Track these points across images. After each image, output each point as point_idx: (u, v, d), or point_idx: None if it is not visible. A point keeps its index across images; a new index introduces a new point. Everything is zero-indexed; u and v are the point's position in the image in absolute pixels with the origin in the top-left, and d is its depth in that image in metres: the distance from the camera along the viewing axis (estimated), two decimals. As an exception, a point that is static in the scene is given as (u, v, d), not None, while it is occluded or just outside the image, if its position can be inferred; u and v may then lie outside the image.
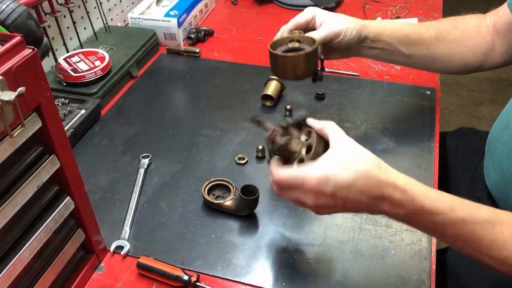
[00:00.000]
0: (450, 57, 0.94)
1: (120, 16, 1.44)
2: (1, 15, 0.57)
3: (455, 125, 2.62)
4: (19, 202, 0.58)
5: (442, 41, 0.93)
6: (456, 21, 0.96)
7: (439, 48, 0.93)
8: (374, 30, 0.90)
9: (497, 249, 0.59)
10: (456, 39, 0.93)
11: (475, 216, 0.60)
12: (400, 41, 0.91)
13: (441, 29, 0.93)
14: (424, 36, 0.92)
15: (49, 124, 0.61)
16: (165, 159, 0.97)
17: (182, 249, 0.79)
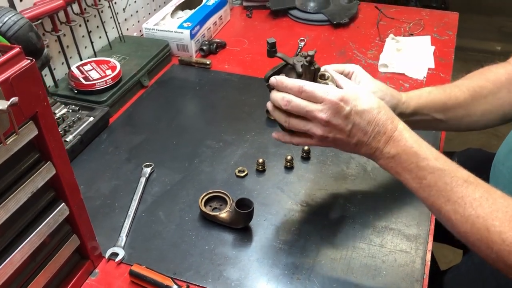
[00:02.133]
0: (488, 113, 0.90)
1: (136, 26, 1.47)
2: (2, 27, 0.59)
3: (474, 144, 2.57)
4: (12, 207, 0.60)
5: (477, 99, 0.89)
6: (485, 74, 0.92)
7: (475, 106, 0.89)
8: (412, 106, 0.83)
9: (464, 205, 0.62)
10: (491, 93, 0.89)
11: (454, 172, 0.65)
12: (437, 110, 0.86)
13: (474, 87, 0.89)
14: (460, 99, 0.88)
15: (45, 132, 0.63)
16: (167, 168, 0.99)
17: (175, 259, 0.81)
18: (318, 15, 1.52)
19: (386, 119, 0.68)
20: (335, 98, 0.67)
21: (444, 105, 0.87)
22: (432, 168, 0.65)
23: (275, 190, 0.93)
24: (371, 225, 0.85)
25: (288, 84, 0.71)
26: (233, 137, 1.06)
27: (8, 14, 0.60)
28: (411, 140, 0.68)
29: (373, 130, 0.68)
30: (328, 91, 0.68)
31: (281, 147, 1.03)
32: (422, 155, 0.66)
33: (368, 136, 0.69)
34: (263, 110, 1.12)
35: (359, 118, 0.68)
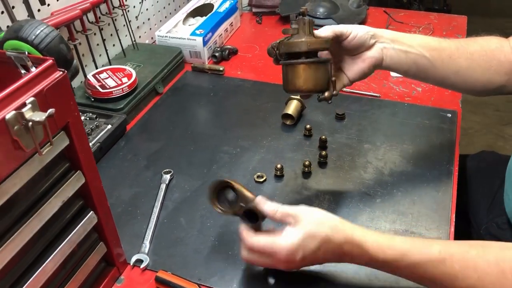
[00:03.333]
0: (472, 71, 0.90)
1: (148, 33, 1.49)
2: (35, 39, 0.60)
3: (480, 144, 2.60)
4: (45, 216, 0.61)
5: (463, 51, 0.89)
6: (475, 38, 0.93)
7: (460, 58, 0.89)
8: (389, 32, 0.88)
9: (451, 282, 0.64)
10: (477, 52, 0.90)
11: (426, 257, 0.66)
12: (421, 44, 0.87)
13: (461, 41, 0.91)
14: (444, 44, 0.89)
15: (76, 142, 0.64)
16: (186, 175, 1.00)
17: (199, 264, 0.81)
18: (328, 20, 1.53)
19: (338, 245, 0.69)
20: (283, 255, 0.69)
21: (427, 43, 0.88)
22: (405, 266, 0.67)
23: (295, 195, 0.94)
24: (392, 229, 0.86)
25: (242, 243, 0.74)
26: (249, 143, 1.07)
27: (40, 26, 0.61)
28: (372, 249, 0.68)
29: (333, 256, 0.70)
30: (275, 250, 0.69)
31: (298, 152, 1.04)
32: (388, 259, 0.67)
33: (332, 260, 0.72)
34: (278, 115, 1.13)
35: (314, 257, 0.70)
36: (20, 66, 0.61)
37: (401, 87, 1.24)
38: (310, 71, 0.78)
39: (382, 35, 0.86)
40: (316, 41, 0.78)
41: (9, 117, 0.52)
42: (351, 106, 1.16)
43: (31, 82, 0.55)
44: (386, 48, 0.86)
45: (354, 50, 0.86)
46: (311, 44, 0.77)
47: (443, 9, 3.37)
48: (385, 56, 0.87)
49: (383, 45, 0.86)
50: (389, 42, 0.87)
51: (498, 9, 3.98)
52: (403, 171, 0.98)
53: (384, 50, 0.86)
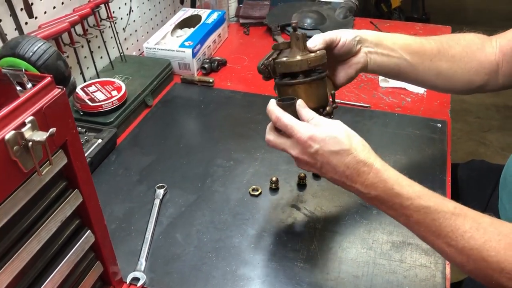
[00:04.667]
0: (453, 73, 0.92)
1: (135, 45, 1.47)
2: (33, 56, 0.59)
3: (463, 151, 2.64)
4: (44, 237, 0.60)
5: (444, 54, 0.90)
6: (458, 38, 0.94)
7: (441, 61, 0.90)
8: (373, 35, 0.88)
9: (455, 238, 0.62)
10: (458, 54, 0.91)
11: (440, 206, 0.64)
12: (402, 48, 0.88)
13: (443, 43, 0.91)
14: (426, 47, 0.90)
15: (74, 160, 0.62)
16: (180, 189, 0.98)
17: (198, 281, 0.80)
18: (315, 31, 1.54)
19: (357, 162, 0.67)
20: (303, 137, 0.69)
21: (409, 45, 0.89)
22: (417, 207, 0.65)
23: (291, 208, 0.93)
24: (389, 240, 0.86)
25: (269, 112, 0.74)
26: (243, 155, 1.07)
27: (37, 43, 0.60)
28: (391, 180, 0.67)
29: (344, 172, 0.68)
30: (299, 129, 0.69)
31: (292, 164, 1.03)
32: (404, 195, 0.65)
33: (341, 176, 0.69)
34: (270, 127, 1.12)
35: (326, 159, 0.69)
36: (16, 83, 0.59)
37: (391, 97, 1.25)
38: (311, 90, 0.75)
39: (366, 39, 0.87)
40: (315, 58, 0.75)
41: (8, 137, 0.50)
42: (343, 117, 1.14)
43: (30, 101, 0.54)
44: (371, 53, 0.87)
45: (342, 57, 0.87)
46: (312, 62, 0.74)
47: (422, 18, 3.43)
48: (369, 60, 0.88)
49: (367, 49, 0.87)
50: (373, 46, 0.87)
51: (475, 18, 4.07)
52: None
53: (368, 55, 0.87)
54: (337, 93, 1.26)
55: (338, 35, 0.84)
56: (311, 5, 1.67)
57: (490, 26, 3.80)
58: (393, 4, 3.31)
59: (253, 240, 0.87)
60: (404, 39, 0.90)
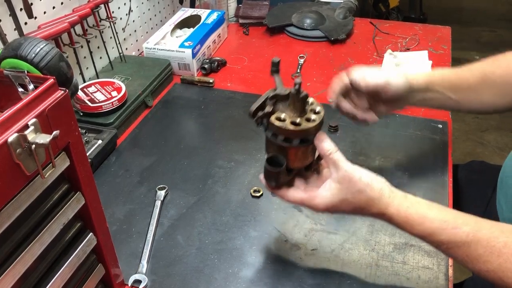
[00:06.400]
0: (498, 97, 0.93)
1: (134, 45, 1.47)
2: (35, 58, 0.58)
3: (461, 151, 2.64)
4: (46, 240, 0.59)
5: (487, 82, 0.92)
6: (498, 60, 0.95)
7: (485, 90, 0.92)
8: (423, 80, 0.91)
9: (472, 264, 0.66)
10: (501, 77, 0.92)
11: (452, 239, 0.66)
12: (449, 89, 0.91)
13: (485, 70, 0.93)
14: (470, 81, 0.92)
15: (76, 162, 0.62)
16: (181, 190, 0.98)
17: (200, 284, 0.80)
18: (315, 31, 1.53)
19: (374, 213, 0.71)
20: (321, 209, 0.72)
21: (455, 85, 0.92)
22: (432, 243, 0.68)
23: (292, 209, 0.93)
24: (392, 242, 0.86)
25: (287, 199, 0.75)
26: (244, 157, 1.06)
27: (40, 44, 0.59)
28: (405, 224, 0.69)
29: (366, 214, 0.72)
30: (314, 205, 0.72)
31: (293, 165, 1.03)
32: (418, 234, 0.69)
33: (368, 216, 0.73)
34: (271, 128, 1.12)
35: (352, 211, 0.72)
36: (18, 85, 0.58)
37: (391, 98, 1.24)
38: (301, 152, 0.72)
39: (417, 88, 0.90)
40: (313, 129, 0.69)
41: (11, 140, 0.50)
42: (344, 118, 1.15)
43: (33, 103, 0.53)
44: (419, 100, 0.91)
45: (386, 100, 0.90)
46: (308, 133, 0.70)
47: (420, 17, 3.44)
48: (415, 102, 0.92)
49: (416, 98, 0.91)
50: (422, 93, 0.90)
51: (471, 18, 4.08)
52: (399, 183, 0.97)
53: (416, 99, 0.91)
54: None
55: (387, 84, 0.87)
56: (310, 5, 1.66)
57: (486, 26, 3.80)
58: (391, 4, 3.32)
59: (255, 241, 0.87)
60: (451, 79, 0.92)
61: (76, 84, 0.65)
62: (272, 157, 0.73)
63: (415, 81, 0.89)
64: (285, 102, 0.71)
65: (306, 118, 0.70)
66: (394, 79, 0.88)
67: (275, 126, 0.69)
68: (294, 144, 0.70)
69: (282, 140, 0.70)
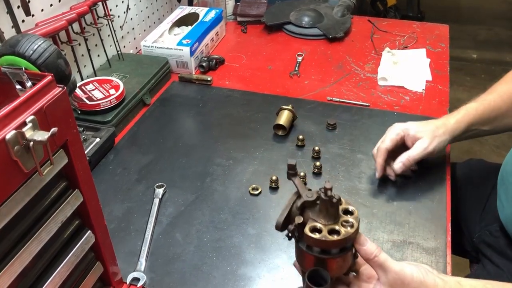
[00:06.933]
0: None
1: (132, 43, 1.46)
2: (33, 55, 0.58)
3: (458, 149, 2.64)
4: (44, 238, 0.59)
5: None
6: None
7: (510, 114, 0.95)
8: (463, 128, 0.94)
9: None
10: None
11: None
12: (484, 123, 0.95)
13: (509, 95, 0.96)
14: (503, 109, 0.95)
15: (74, 160, 0.61)
16: (179, 188, 0.98)
17: (198, 281, 0.80)
18: (313, 29, 1.53)
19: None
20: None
21: (489, 118, 0.95)
22: None
23: (291, 207, 0.93)
24: (390, 239, 0.86)
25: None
26: (242, 155, 1.06)
27: (38, 41, 0.59)
28: None
29: None
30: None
31: (291, 163, 1.03)
32: None
33: None
34: (269, 126, 1.12)
35: None
36: (16, 82, 0.58)
37: (390, 96, 1.25)
38: (340, 261, 0.65)
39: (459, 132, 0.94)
40: (352, 236, 0.63)
41: (9, 137, 0.49)
42: (342, 116, 1.17)
43: (31, 100, 0.53)
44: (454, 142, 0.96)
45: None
46: (348, 241, 0.63)
47: (418, 16, 3.44)
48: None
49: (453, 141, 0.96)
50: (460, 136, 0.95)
51: (469, 16, 4.08)
52: (397, 181, 0.98)
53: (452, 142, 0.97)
54: (336, 92, 1.27)
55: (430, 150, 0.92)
56: (308, 3, 1.66)
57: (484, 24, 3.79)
58: (389, 2, 3.32)
59: (253, 239, 0.87)
60: (485, 113, 0.95)
61: (74, 82, 0.65)
62: (313, 272, 0.64)
63: (458, 131, 0.93)
64: (313, 208, 0.64)
65: (342, 223, 0.63)
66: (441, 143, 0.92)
67: (313, 239, 0.61)
68: (334, 254, 0.63)
69: (319, 252, 0.63)
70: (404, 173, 0.95)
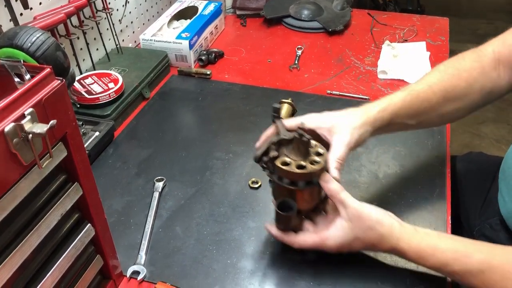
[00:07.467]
0: (461, 110, 0.91)
1: (131, 37, 1.46)
2: (31, 47, 0.58)
3: (458, 143, 2.64)
4: (44, 231, 0.59)
5: (449, 99, 0.89)
6: (458, 70, 0.90)
7: (447, 106, 0.89)
8: (386, 120, 0.84)
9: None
10: (463, 90, 0.89)
11: (465, 268, 0.67)
12: (411, 116, 0.87)
13: (446, 87, 0.89)
14: (432, 102, 0.88)
15: (74, 153, 0.61)
16: (179, 182, 0.98)
17: (198, 274, 0.80)
18: (313, 22, 1.53)
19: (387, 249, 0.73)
20: (333, 249, 0.74)
21: (417, 111, 0.87)
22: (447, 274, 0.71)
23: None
24: (390, 232, 0.86)
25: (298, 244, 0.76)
26: (242, 148, 1.06)
27: (36, 33, 0.58)
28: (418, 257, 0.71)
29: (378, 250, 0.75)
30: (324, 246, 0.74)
31: (291, 156, 1.03)
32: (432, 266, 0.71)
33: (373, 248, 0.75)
34: (269, 119, 1.11)
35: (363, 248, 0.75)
36: (14, 74, 0.58)
37: (389, 89, 1.24)
38: (307, 194, 0.74)
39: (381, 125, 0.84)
40: (318, 172, 0.72)
41: (8, 129, 0.49)
42: (342, 109, 1.16)
43: (29, 92, 0.53)
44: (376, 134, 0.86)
45: None
46: (313, 175, 0.72)
47: (417, 10, 3.43)
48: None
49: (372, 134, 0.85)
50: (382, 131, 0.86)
51: (469, 10, 4.07)
52: (397, 174, 0.98)
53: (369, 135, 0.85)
54: (336, 86, 1.27)
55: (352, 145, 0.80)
56: (308, -4, 1.65)
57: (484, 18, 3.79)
58: (389, -5, 3.31)
59: (253, 232, 0.87)
60: (413, 106, 0.86)
61: (73, 74, 0.65)
62: (282, 202, 0.75)
63: (380, 122, 0.83)
64: (289, 146, 0.74)
65: (310, 161, 0.73)
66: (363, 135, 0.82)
67: (282, 170, 0.72)
68: (300, 187, 0.73)
69: (288, 184, 0.73)
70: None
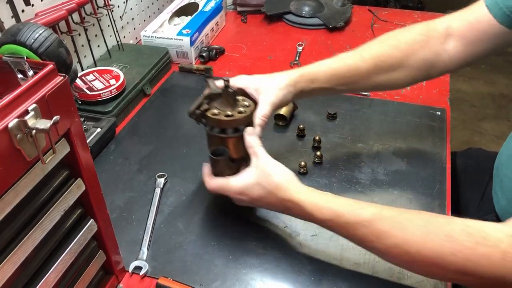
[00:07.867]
0: (393, 81, 0.90)
1: (132, 33, 1.46)
2: (34, 43, 0.58)
3: (458, 140, 2.65)
4: (47, 226, 0.59)
5: (381, 68, 0.88)
6: (399, 41, 0.89)
7: (378, 76, 0.89)
8: (308, 83, 0.87)
9: (379, 241, 0.67)
10: (398, 61, 0.88)
11: (357, 218, 0.69)
12: (337, 82, 0.88)
13: (380, 56, 0.88)
14: (361, 69, 0.87)
15: (77, 148, 0.62)
16: (181, 178, 0.98)
17: (200, 270, 0.80)
18: (313, 19, 1.53)
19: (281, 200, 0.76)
20: (235, 193, 0.80)
21: (343, 78, 0.88)
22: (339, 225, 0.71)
23: (292, 196, 0.93)
24: (390, 228, 0.86)
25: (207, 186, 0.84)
26: (243, 144, 1.06)
27: (39, 30, 0.59)
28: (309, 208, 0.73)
29: (276, 207, 0.78)
30: (228, 189, 0.80)
31: (292, 152, 1.04)
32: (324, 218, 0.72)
33: (275, 209, 0.80)
34: (270, 116, 1.12)
35: (259, 201, 0.79)
36: (17, 71, 0.58)
37: (390, 85, 1.24)
38: (238, 143, 0.82)
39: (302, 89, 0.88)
40: (244, 119, 0.81)
41: (12, 125, 0.50)
42: (342, 106, 1.17)
43: (33, 88, 0.53)
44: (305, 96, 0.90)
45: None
46: (240, 122, 0.81)
47: (418, 6, 3.43)
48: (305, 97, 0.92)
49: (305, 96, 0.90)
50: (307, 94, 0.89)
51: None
52: (398, 170, 0.98)
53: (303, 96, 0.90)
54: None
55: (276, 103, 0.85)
56: (308, -8, 1.65)
57: (486, 14, 3.70)
58: (389, -8, 3.30)
59: (254, 228, 0.87)
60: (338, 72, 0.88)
61: (75, 71, 0.65)
62: (216, 150, 0.83)
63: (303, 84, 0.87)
64: (219, 100, 0.82)
65: (238, 111, 0.81)
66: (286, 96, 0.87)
67: (211, 119, 0.80)
68: (229, 134, 0.81)
69: (218, 132, 0.81)
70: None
